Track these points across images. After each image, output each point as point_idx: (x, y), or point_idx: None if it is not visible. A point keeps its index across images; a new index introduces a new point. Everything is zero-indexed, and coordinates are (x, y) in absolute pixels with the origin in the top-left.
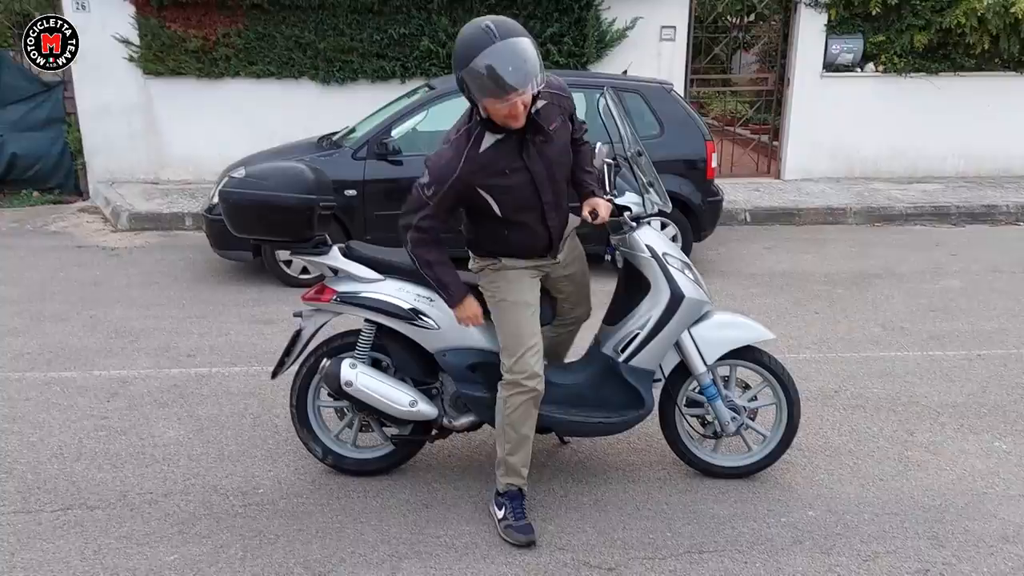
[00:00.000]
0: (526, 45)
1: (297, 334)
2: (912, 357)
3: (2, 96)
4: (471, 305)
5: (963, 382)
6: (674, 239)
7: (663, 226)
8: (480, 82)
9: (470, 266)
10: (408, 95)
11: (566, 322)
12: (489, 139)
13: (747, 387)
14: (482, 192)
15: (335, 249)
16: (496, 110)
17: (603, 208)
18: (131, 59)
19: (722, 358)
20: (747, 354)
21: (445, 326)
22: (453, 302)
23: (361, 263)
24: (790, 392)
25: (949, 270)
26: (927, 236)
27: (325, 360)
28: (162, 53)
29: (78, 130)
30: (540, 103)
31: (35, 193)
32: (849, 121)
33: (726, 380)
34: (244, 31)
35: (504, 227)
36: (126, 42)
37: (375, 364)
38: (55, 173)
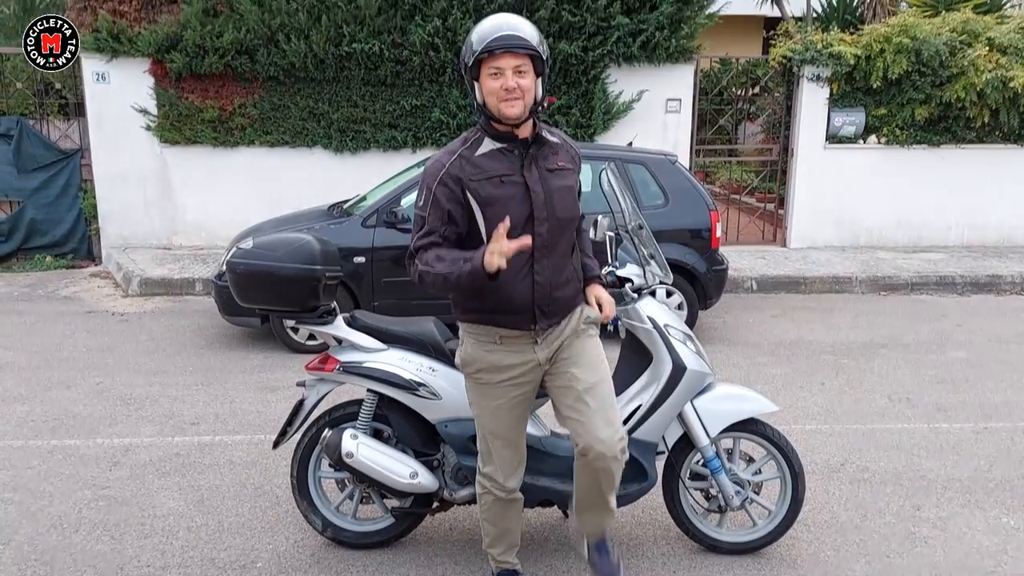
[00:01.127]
0: (516, 17)
1: (300, 404)
2: (918, 429)
3: (23, 164)
4: (492, 250)
5: (970, 456)
6: (680, 307)
7: (668, 294)
8: (468, 52)
9: (456, 357)
10: (418, 165)
11: None
12: (489, 145)
13: (751, 460)
14: (471, 198)
15: (339, 319)
16: (489, 90)
17: (607, 305)
18: (148, 128)
19: (725, 430)
20: (751, 426)
21: (447, 396)
22: (477, 262)
23: (365, 332)
24: (794, 466)
25: (955, 340)
26: (933, 306)
27: (327, 430)
28: (179, 123)
29: (94, 196)
30: (550, 136)
31: (48, 258)
32: (853, 191)
33: (730, 453)
34: (260, 102)
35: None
36: (144, 112)
37: (377, 434)
38: (70, 238)
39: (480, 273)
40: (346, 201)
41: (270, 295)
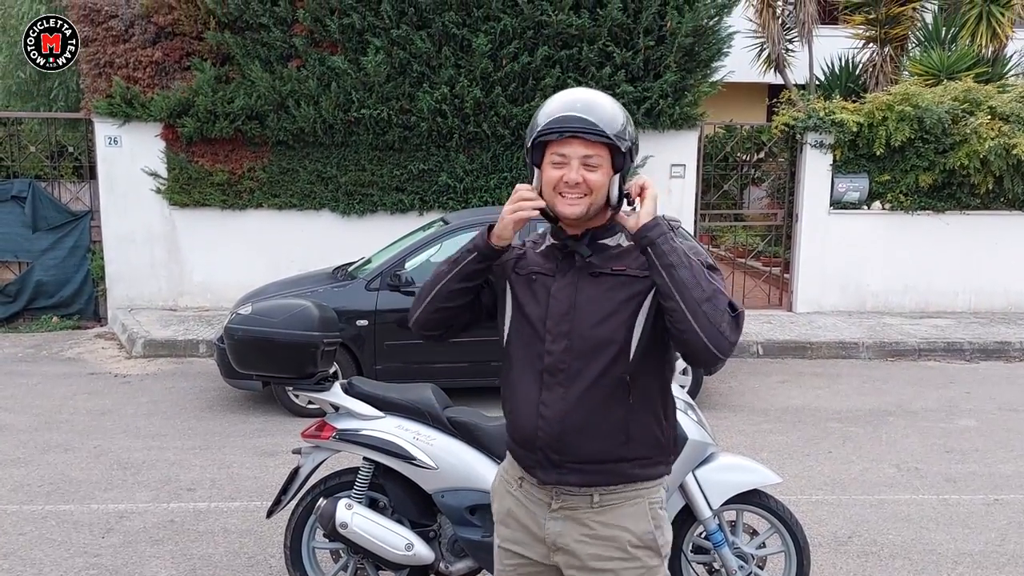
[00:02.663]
0: (597, 93)
1: (295, 471)
2: (928, 501)
3: (33, 225)
4: (504, 216)
5: (981, 529)
6: (684, 372)
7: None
8: (531, 131)
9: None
10: (423, 228)
11: None
12: (548, 240)
13: (755, 533)
14: (509, 288)
15: (336, 386)
16: (548, 179)
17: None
18: (158, 191)
19: (728, 502)
20: (754, 498)
21: (444, 466)
22: (485, 236)
23: (362, 400)
24: (799, 539)
25: (964, 408)
26: (941, 372)
27: (321, 499)
28: (188, 185)
29: (102, 258)
30: (624, 241)
31: (55, 319)
32: (858, 256)
33: (733, 525)
34: (269, 165)
35: (505, 373)
36: (154, 175)
37: (372, 504)
38: (76, 299)
39: (483, 246)
40: (351, 264)
41: (268, 361)
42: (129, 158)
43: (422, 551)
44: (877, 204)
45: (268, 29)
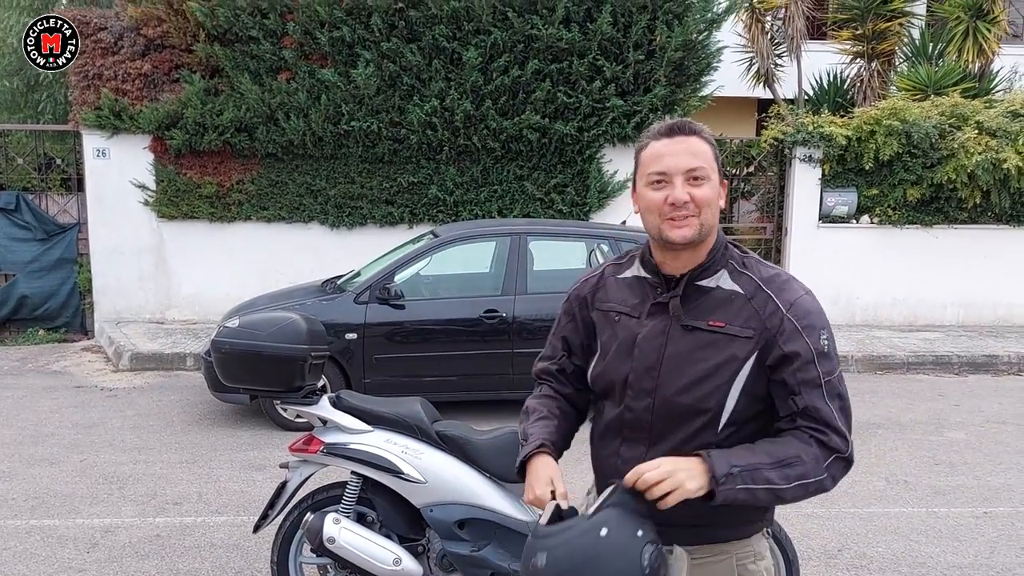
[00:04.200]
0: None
1: (282, 486)
2: (917, 514)
3: (19, 237)
4: (536, 474)
5: (970, 542)
6: None
7: None
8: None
9: None
10: (413, 241)
11: None
12: (635, 269)
13: None
14: (595, 326)
15: (325, 399)
16: (649, 204)
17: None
18: (146, 203)
19: None
20: None
21: (432, 480)
22: (521, 457)
23: (350, 413)
24: (788, 553)
25: (953, 421)
26: (930, 386)
27: (309, 514)
28: (177, 198)
29: (89, 270)
30: (727, 281)
31: (41, 331)
32: (848, 269)
33: None
34: (258, 178)
35: (593, 420)
36: (143, 187)
37: (361, 518)
38: (63, 312)
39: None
40: (340, 277)
41: (255, 375)
42: (117, 170)
43: (410, 566)
44: (865, 218)
45: (258, 42)
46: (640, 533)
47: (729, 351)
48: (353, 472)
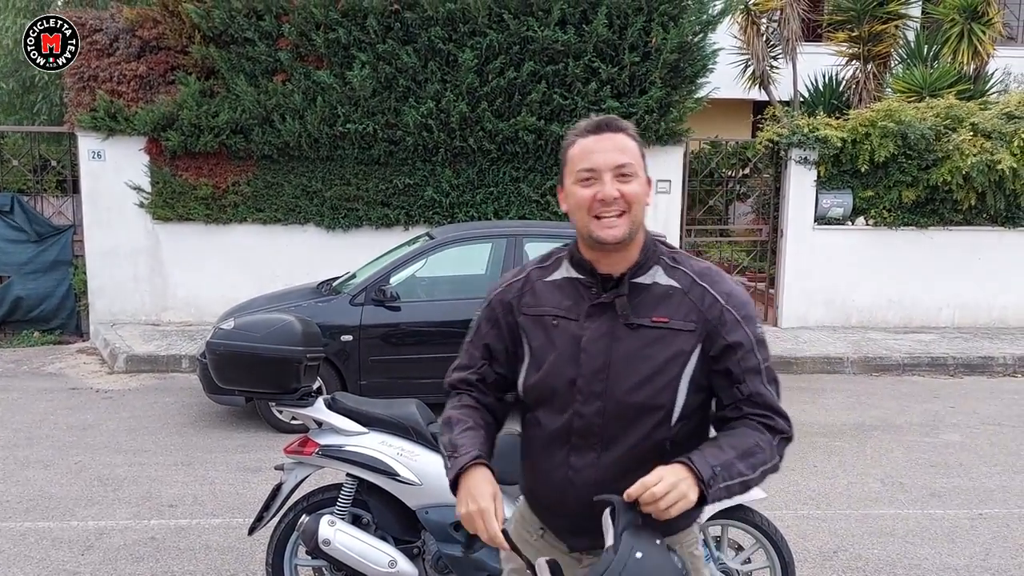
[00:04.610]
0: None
1: (277, 488)
2: (912, 515)
3: (14, 239)
4: (477, 488)
5: (965, 543)
6: None
7: None
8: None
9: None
10: (409, 243)
11: None
12: (565, 270)
13: (740, 548)
14: (523, 335)
15: (319, 401)
16: (578, 202)
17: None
18: (142, 205)
19: (713, 517)
20: (739, 513)
21: (427, 482)
22: (449, 474)
23: (345, 415)
24: (784, 555)
25: (948, 423)
26: (925, 387)
27: (304, 516)
28: (172, 200)
29: (84, 272)
30: (664, 278)
31: (36, 334)
32: (843, 271)
33: (718, 541)
34: (253, 179)
35: (525, 427)
36: (138, 189)
37: (356, 520)
38: (58, 314)
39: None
40: (335, 278)
41: (250, 377)
42: (113, 172)
43: (405, 568)
44: (861, 220)
45: (253, 43)
46: (659, 542)
47: (675, 345)
48: (348, 474)
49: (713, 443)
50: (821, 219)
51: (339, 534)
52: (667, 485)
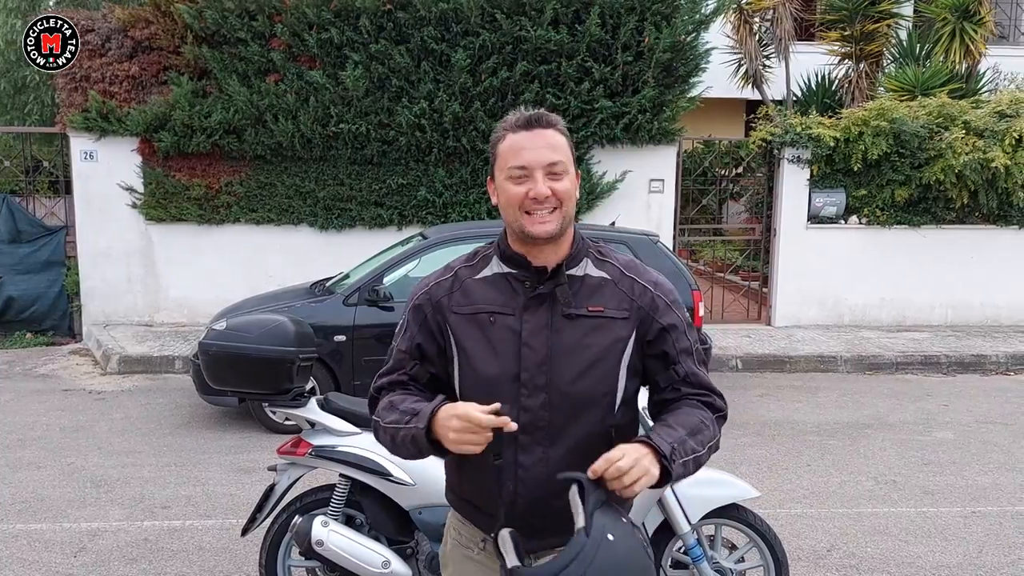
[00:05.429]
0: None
1: (271, 488)
2: (905, 514)
3: (5, 239)
4: (449, 412)
5: (958, 541)
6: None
7: None
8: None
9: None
10: (402, 243)
11: None
12: (495, 267)
13: (734, 547)
14: (451, 334)
15: (312, 401)
16: (509, 199)
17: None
18: (134, 206)
19: (707, 516)
20: (733, 512)
21: (421, 482)
22: (421, 424)
23: (338, 415)
24: (777, 553)
25: (941, 421)
26: (918, 386)
27: (297, 517)
28: (165, 200)
29: (77, 273)
30: (595, 270)
31: (28, 335)
32: (836, 270)
33: (711, 540)
34: (246, 180)
35: None
36: (131, 189)
37: (349, 521)
38: (50, 315)
39: (424, 443)
40: (329, 279)
41: (242, 377)
42: (105, 173)
43: (399, 568)
44: (854, 219)
45: (246, 43)
46: (625, 520)
47: (612, 333)
48: (341, 475)
49: (661, 424)
50: (814, 218)
51: (332, 535)
52: (631, 460)
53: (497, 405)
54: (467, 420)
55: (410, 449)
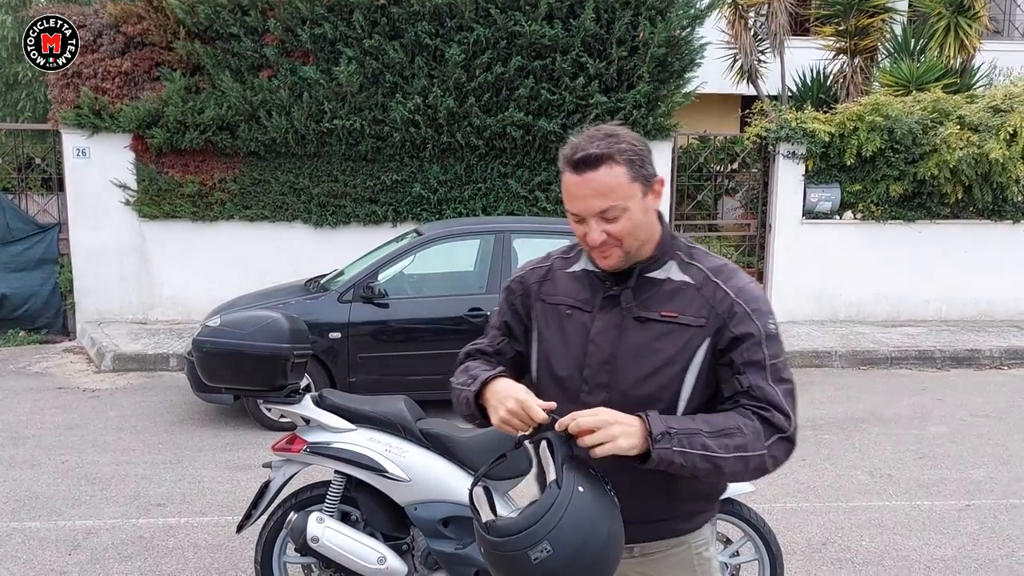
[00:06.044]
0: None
1: (265, 485)
2: (900, 507)
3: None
4: (505, 390)
5: (953, 534)
6: None
7: None
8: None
9: None
10: (397, 240)
11: None
12: (584, 263)
13: (728, 541)
14: (536, 319)
15: (307, 398)
16: (574, 228)
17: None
18: (127, 203)
19: None
20: (727, 506)
21: (416, 479)
22: (476, 386)
23: (333, 412)
24: (772, 547)
25: (935, 415)
26: (912, 380)
27: (292, 513)
28: (158, 197)
29: (70, 271)
30: (677, 274)
31: (22, 333)
32: (831, 266)
33: None
34: (240, 176)
35: None
36: (124, 186)
37: (344, 517)
38: (44, 313)
39: (473, 410)
40: (323, 276)
41: (237, 374)
42: (98, 169)
43: (395, 564)
44: (849, 214)
45: (239, 39)
46: (594, 472)
47: (683, 340)
48: (337, 471)
49: (690, 415)
50: (809, 213)
51: (328, 531)
52: (596, 422)
53: (553, 404)
54: (522, 407)
55: (464, 410)
